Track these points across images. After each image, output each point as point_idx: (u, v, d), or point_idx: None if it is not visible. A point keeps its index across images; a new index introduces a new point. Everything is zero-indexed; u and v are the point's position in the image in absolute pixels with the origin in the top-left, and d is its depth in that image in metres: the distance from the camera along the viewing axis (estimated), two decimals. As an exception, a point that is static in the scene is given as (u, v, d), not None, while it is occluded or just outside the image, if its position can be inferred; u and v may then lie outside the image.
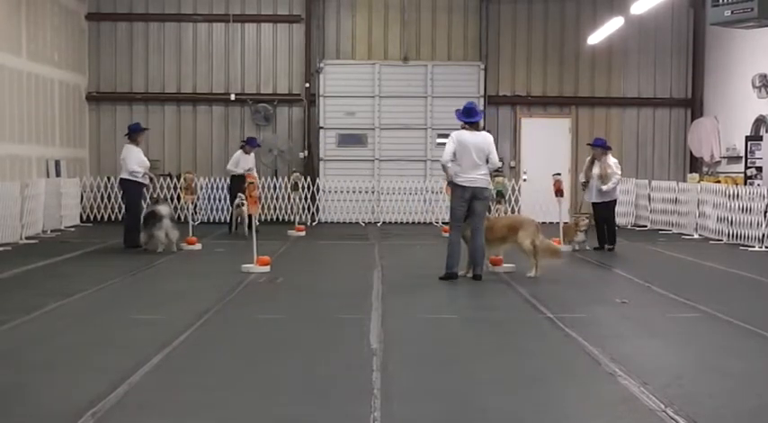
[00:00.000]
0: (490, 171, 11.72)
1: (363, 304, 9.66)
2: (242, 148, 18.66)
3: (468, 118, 11.51)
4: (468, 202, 11.47)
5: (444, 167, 11.39)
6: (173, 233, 14.57)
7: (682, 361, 7.35)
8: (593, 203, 15.81)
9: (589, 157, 15.98)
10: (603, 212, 15.71)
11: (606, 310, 9.59)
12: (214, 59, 22.19)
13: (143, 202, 15.64)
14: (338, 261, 14.83)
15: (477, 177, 11.43)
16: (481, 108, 11.75)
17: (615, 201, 16.11)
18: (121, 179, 15.45)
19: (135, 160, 15.11)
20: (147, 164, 15.47)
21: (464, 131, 11.48)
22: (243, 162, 18.25)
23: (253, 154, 18.69)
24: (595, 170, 15.60)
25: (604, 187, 15.52)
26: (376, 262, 13.68)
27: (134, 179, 15.19)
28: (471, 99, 21.48)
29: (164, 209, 14.64)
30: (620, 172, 15.83)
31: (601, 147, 15.79)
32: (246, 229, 17.42)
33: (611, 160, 15.73)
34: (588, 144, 16.63)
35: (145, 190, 15.79)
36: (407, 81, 21.90)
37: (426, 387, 6.32)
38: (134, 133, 15.51)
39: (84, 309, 9.51)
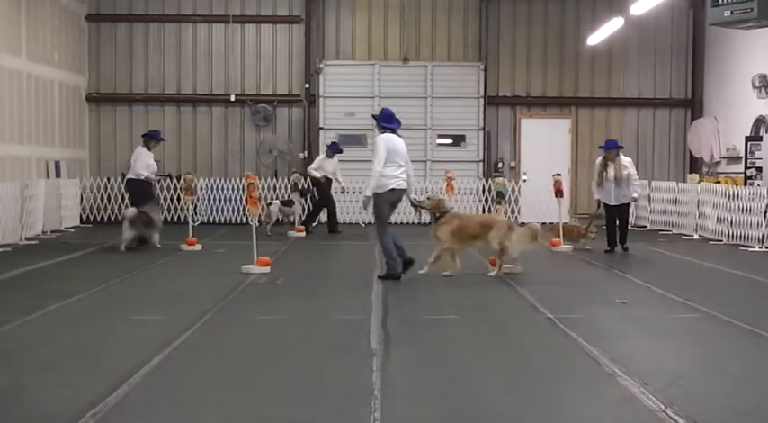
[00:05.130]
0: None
1: (363, 304, 9.66)
2: (325, 152, 19.23)
3: (390, 124, 12.22)
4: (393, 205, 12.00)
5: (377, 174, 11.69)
6: (127, 234, 14.77)
7: (682, 361, 7.36)
8: (612, 206, 15.36)
9: (599, 159, 15.45)
10: (621, 214, 15.37)
11: (606, 311, 9.59)
12: (214, 60, 22.19)
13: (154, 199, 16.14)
14: (338, 261, 14.82)
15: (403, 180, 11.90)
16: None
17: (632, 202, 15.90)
18: (128, 179, 15.96)
19: (143, 164, 15.52)
20: (155, 169, 15.93)
21: (391, 135, 12.12)
22: (326, 166, 18.73)
23: (336, 158, 19.00)
24: (611, 172, 15.17)
25: (635, 194, 15.35)
26: (376, 262, 13.67)
27: (139, 179, 15.60)
28: (471, 99, 21.84)
29: (128, 211, 15.05)
30: (635, 170, 15.48)
31: (614, 148, 15.34)
32: (268, 228, 18.04)
33: (625, 160, 15.35)
34: (600, 147, 15.93)
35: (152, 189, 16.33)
36: (407, 82, 21.89)
37: (426, 387, 6.31)
38: (150, 139, 15.90)
39: (84, 309, 9.51)
